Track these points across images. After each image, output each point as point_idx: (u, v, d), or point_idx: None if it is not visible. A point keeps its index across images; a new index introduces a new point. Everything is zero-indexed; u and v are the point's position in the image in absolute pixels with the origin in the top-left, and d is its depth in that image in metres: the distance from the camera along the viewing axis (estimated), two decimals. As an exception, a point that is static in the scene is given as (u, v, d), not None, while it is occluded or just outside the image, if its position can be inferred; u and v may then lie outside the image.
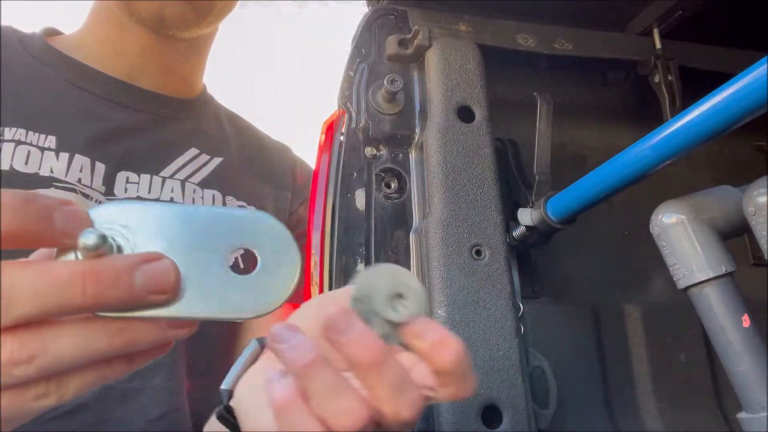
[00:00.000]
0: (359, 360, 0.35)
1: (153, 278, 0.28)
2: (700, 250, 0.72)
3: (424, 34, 0.87)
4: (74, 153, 0.77)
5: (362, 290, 0.37)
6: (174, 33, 0.86)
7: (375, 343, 0.35)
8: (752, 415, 0.68)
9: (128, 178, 0.81)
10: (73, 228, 0.28)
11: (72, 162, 0.77)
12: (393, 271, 0.37)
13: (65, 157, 0.77)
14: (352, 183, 0.81)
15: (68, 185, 0.76)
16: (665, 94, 0.96)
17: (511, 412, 0.70)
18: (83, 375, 0.30)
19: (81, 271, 0.27)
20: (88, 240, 0.28)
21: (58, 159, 0.76)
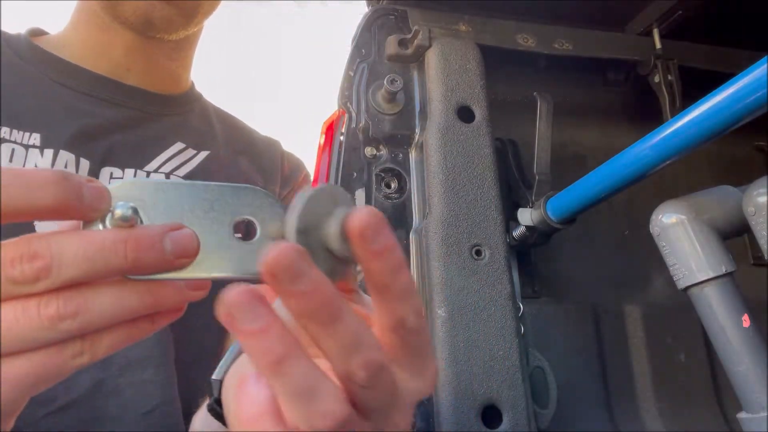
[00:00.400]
0: (315, 316, 0.30)
1: (179, 244, 0.31)
2: (700, 250, 0.72)
3: (424, 34, 0.87)
4: (59, 149, 0.77)
5: (307, 220, 0.32)
6: (161, 35, 0.86)
7: (333, 294, 0.30)
8: (752, 415, 0.68)
9: (112, 174, 0.81)
10: (99, 202, 0.31)
11: (56, 159, 0.77)
12: (333, 193, 0.33)
13: (50, 153, 0.77)
14: (352, 183, 0.81)
15: None
16: (665, 94, 0.96)
17: (511, 412, 0.70)
18: (114, 333, 0.33)
19: (123, 238, 0.30)
20: (125, 212, 0.31)
21: (43, 156, 0.76)
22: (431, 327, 0.73)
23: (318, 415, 0.30)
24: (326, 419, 0.30)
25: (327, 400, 0.30)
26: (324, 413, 0.30)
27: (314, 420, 0.30)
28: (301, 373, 0.30)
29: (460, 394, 0.69)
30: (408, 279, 0.33)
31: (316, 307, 0.29)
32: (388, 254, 0.31)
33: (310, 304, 0.29)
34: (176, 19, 0.84)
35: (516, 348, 0.73)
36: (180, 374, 0.77)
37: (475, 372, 0.70)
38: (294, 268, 0.29)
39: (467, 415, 0.68)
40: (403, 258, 0.32)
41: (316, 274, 0.29)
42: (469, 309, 0.73)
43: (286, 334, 0.30)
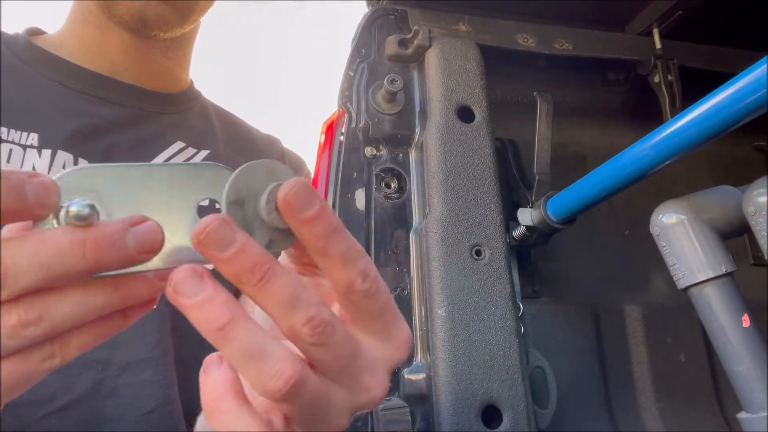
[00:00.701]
0: (244, 279, 0.31)
1: (143, 239, 0.30)
2: (700, 250, 0.72)
3: (424, 34, 0.87)
4: (57, 149, 0.77)
5: (240, 192, 0.32)
6: (156, 33, 0.86)
7: (262, 256, 0.31)
8: (752, 415, 0.68)
9: None
10: (46, 199, 0.30)
11: (54, 159, 0.77)
12: (270, 168, 0.33)
13: (47, 153, 0.77)
14: (352, 183, 0.81)
15: None
16: (665, 94, 0.96)
17: (511, 412, 0.70)
18: (83, 334, 0.32)
19: (80, 238, 0.29)
20: (80, 209, 0.29)
21: (41, 156, 0.76)
22: (431, 327, 0.73)
23: (268, 375, 0.31)
24: (277, 379, 0.30)
25: (276, 360, 0.31)
26: (274, 373, 0.30)
27: (266, 381, 0.31)
28: (246, 336, 0.31)
29: (460, 394, 0.69)
30: (347, 243, 0.33)
31: (246, 268, 0.30)
32: (318, 221, 0.32)
33: (240, 266, 0.30)
34: (171, 18, 0.84)
35: (516, 348, 0.73)
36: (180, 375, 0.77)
37: (475, 372, 0.70)
38: (219, 235, 0.30)
39: (467, 415, 0.68)
40: (338, 223, 0.33)
41: (242, 239, 0.31)
42: (469, 309, 0.73)
43: (230, 303, 0.31)
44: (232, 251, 0.30)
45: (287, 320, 0.31)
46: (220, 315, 0.30)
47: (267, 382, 0.31)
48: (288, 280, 0.32)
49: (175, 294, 0.31)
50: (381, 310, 0.36)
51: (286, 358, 0.31)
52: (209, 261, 0.31)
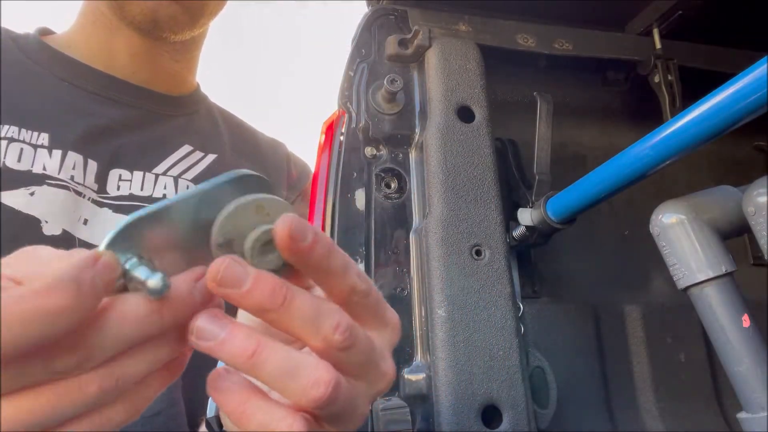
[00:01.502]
0: (267, 305, 0.32)
1: (205, 292, 0.33)
2: (700, 250, 0.72)
3: (424, 34, 0.87)
4: (67, 150, 0.77)
5: (227, 234, 0.34)
6: (167, 35, 0.86)
7: (277, 281, 0.33)
8: (752, 415, 0.68)
9: (121, 176, 0.81)
10: (111, 277, 0.31)
11: (65, 159, 0.77)
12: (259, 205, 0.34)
13: (58, 154, 0.77)
14: (352, 183, 0.81)
15: (61, 182, 0.76)
16: (665, 94, 0.96)
17: (511, 412, 0.70)
18: (151, 384, 0.34)
19: (158, 309, 0.31)
20: (156, 285, 0.31)
21: (51, 156, 0.76)
22: (431, 327, 0.73)
23: (308, 386, 0.32)
24: (318, 387, 0.32)
25: (311, 370, 0.32)
26: (314, 382, 0.32)
27: (308, 392, 0.32)
28: (277, 356, 0.32)
29: (460, 394, 0.69)
30: (341, 254, 0.35)
31: (266, 296, 0.32)
32: (317, 246, 0.33)
33: (261, 294, 0.32)
34: (182, 18, 0.84)
35: (516, 348, 0.73)
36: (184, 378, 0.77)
37: (475, 372, 0.70)
38: (232, 273, 0.32)
39: (467, 415, 0.68)
40: (331, 240, 0.35)
41: (253, 272, 0.32)
42: (469, 309, 0.73)
43: (251, 332, 0.33)
44: (250, 284, 0.32)
45: (318, 333, 0.33)
46: (247, 345, 0.32)
47: (309, 393, 0.32)
48: (307, 296, 0.33)
49: (198, 340, 0.33)
50: (376, 304, 0.38)
51: (320, 365, 0.33)
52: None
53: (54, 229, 0.73)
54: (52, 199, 0.74)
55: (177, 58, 0.93)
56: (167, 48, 0.90)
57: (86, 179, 0.78)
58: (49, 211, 0.73)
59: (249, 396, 0.33)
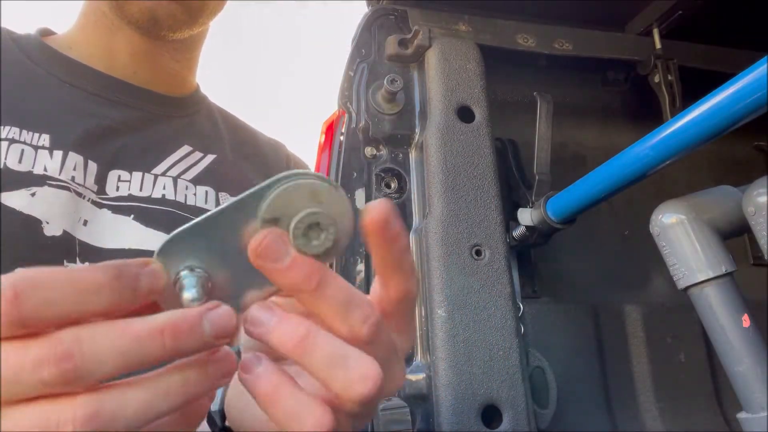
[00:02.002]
0: (302, 285, 0.32)
1: (218, 325, 0.32)
2: (700, 250, 0.72)
3: (424, 34, 0.87)
4: (68, 151, 0.77)
5: (275, 212, 0.33)
6: (166, 34, 0.86)
7: (314, 264, 0.33)
8: (752, 415, 0.68)
9: (120, 177, 0.81)
10: (157, 287, 0.31)
11: (66, 160, 0.77)
12: (315, 191, 0.33)
13: (59, 154, 0.77)
14: (352, 183, 0.81)
15: (62, 183, 0.76)
16: (665, 94, 0.96)
17: (511, 412, 0.70)
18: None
19: (160, 327, 0.30)
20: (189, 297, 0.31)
21: (52, 157, 0.76)
22: (431, 327, 0.73)
23: (355, 380, 0.32)
24: (365, 382, 0.32)
25: (361, 364, 0.32)
26: (361, 377, 0.32)
27: (354, 386, 0.32)
28: (328, 344, 0.32)
29: (460, 394, 0.69)
30: (412, 257, 0.36)
31: (304, 275, 0.32)
32: (402, 238, 0.34)
33: (297, 274, 0.32)
34: (181, 17, 0.84)
35: (516, 348, 0.73)
36: None
37: (475, 372, 0.70)
38: (274, 248, 0.32)
39: (467, 415, 0.68)
40: (408, 240, 0.36)
41: (295, 253, 0.32)
42: (469, 309, 0.73)
43: (303, 320, 0.33)
44: (288, 261, 0.32)
45: (346, 321, 0.33)
46: (297, 330, 0.32)
47: (355, 387, 0.32)
48: (342, 283, 0.33)
49: (252, 326, 0.33)
50: (411, 311, 0.39)
51: (368, 361, 0.33)
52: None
53: (55, 230, 0.73)
54: (53, 200, 0.74)
55: (177, 57, 0.93)
56: (167, 47, 0.90)
57: (86, 180, 0.78)
58: (49, 211, 0.73)
59: (282, 381, 0.33)
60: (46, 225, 0.73)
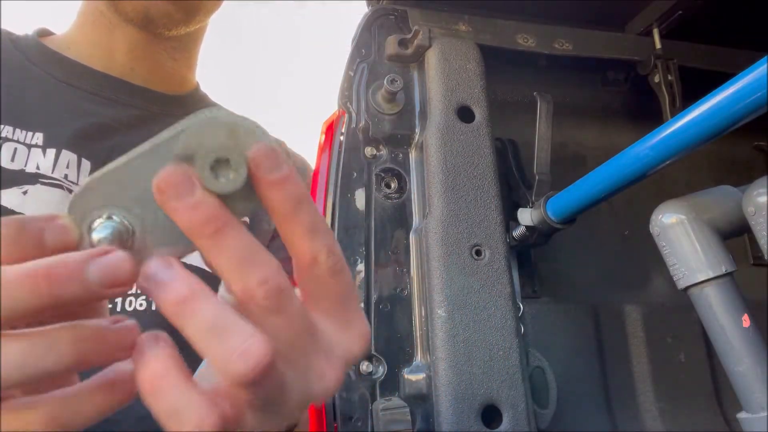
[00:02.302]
0: (198, 230, 0.29)
1: (107, 272, 0.29)
2: (700, 250, 0.72)
3: (424, 34, 0.87)
4: (61, 149, 0.77)
5: (188, 148, 0.30)
6: (161, 32, 0.86)
7: (218, 210, 0.29)
8: (752, 415, 0.68)
9: None
10: (64, 241, 0.29)
11: (59, 158, 0.77)
12: (233, 129, 0.30)
13: (52, 152, 0.77)
14: (352, 183, 0.81)
15: (54, 181, 0.76)
16: (665, 94, 0.96)
17: (511, 412, 0.70)
18: (84, 402, 0.31)
19: (33, 271, 0.27)
20: (98, 236, 0.29)
21: (45, 155, 0.76)
22: (431, 327, 0.73)
23: (235, 353, 0.28)
24: (247, 358, 0.28)
25: (245, 336, 0.28)
26: (243, 351, 0.28)
27: (233, 360, 0.28)
28: (209, 310, 0.28)
29: (460, 394, 0.69)
30: (315, 214, 0.32)
31: (201, 220, 0.29)
32: (288, 184, 0.31)
33: (195, 217, 0.29)
34: (176, 15, 0.84)
35: (516, 348, 0.73)
36: None
37: (475, 372, 0.70)
38: (177, 185, 0.29)
39: (467, 415, 0.68)
40: (306, 193, 0.32)
41: (200, 192, 0.30)
42: (469, 309, 0.73)
43: (193, 281, 0.29)
44: (189, 201, 0.29)
45: (241, 279, 0.29)
46: (181, 289, 0.29)
47: (235, 363, 0.28)
48: (245, 238, 0.30)
49: (143, 280, 0.30)
50: (343, 293, 0.34)
51: (254, 334, 0.28)
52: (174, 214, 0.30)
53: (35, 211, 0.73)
54: (45, 198, 0.74)
55: (175, 56, 0.93)
56: (165, 45, 0.90)
57: (80, 178, 0.78)
58: (41, 209, 0.73)
59: (169, 370, 0.29)
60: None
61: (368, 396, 0.71)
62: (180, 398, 0.28)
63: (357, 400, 0.70)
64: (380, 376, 0.72)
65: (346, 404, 0.69)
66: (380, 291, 0.76)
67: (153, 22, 0.83)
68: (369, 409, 0.70)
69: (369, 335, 0.36)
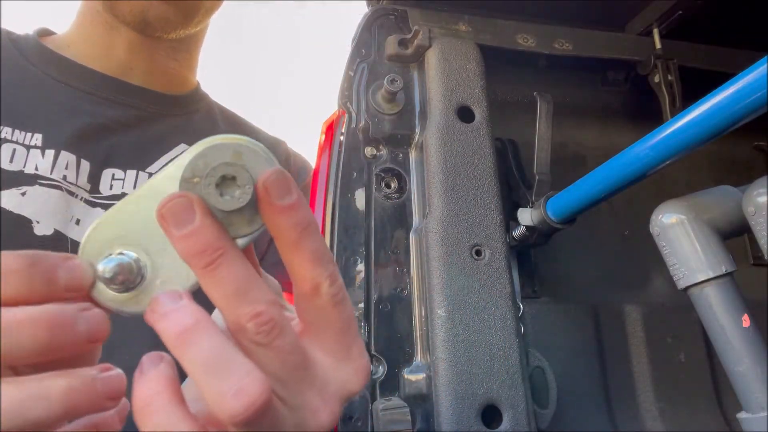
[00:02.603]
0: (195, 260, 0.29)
1: (92, 326, 0.29)
2: (700, 250, 0.72)
3: (424, 34, 0.87)
4: (60, 150, 0.77)
5: (195, 170, 0.30)
6: (159, 35, 0.86)
7: (218, 239, 0.29)
8: (752, 415, 0.68)
9: (114, 175, 0.81)
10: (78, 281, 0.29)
11: (58, 159, 0.77)
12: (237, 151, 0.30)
13: (51, 153, 0.77)
14: (352, 183, 0.81)
15: (53, 182, 0.76)
16: (665, 94, 0.96)
17: (511, 412, 0.70)
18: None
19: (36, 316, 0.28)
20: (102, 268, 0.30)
21: (44, 156, 0.76)
22: (431, 327, 0.73)
23: (231, 392, 0.27)
24: (241, 397, 0.27)
25: (242, 375, 0.28)
26: (238, 390, 0.27)
27: (227, 399, 0.27)
28: (209, 344, 0.28)
29: (460, 394, 0.69)
30: (320, 242, 0.31)
31: (198, 248, 0.29)
32: (295, 211, 0.30)
33: (192, 245, 0.29)
34: (173, 18, 0.84)
35: (516, 348, 0.73)
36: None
37: (475, 372, 0.70)
38: (177, 212, 0.29)
39: (467, 415, 0.68)
40: (314, 219, 0.31)
41: (201, 220, 0.29)
42: (469, 309, 0.73)
43: (198, 313, 0.29)
44: (187, 230, 0.29)
45: (233, 312, 0.29)
46: (182, 320, 0.29)
47: (227, 402, 0.27)
48: (239, 270, 0.30)
49: (149, 311, 0.30)
50: (343, 326, 0.33)
51: (251, 372, 0.28)
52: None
53: (46, 230, 0.73)
54: (43, 199, 0.74)
55: (175, 56, 0.93)
56: (164, 46, 0.90)
57: (79, 179, 0.78)
58: (40, 210, 0.73)
59: (162, 391, 0.29)
60: (36, 224, 0.73)
61: (368, 396, 0.71)
62: (167, 420, 0.28)
63: (357, 400, 0.70)
64: (380, 376, 0.72)
65: (346, 404, 0.69)
66: (380, 291, 0.76)
67: (150, 25, 0.83)
68: (369, 409, 0.70)
69: (368, 369, 0.35)
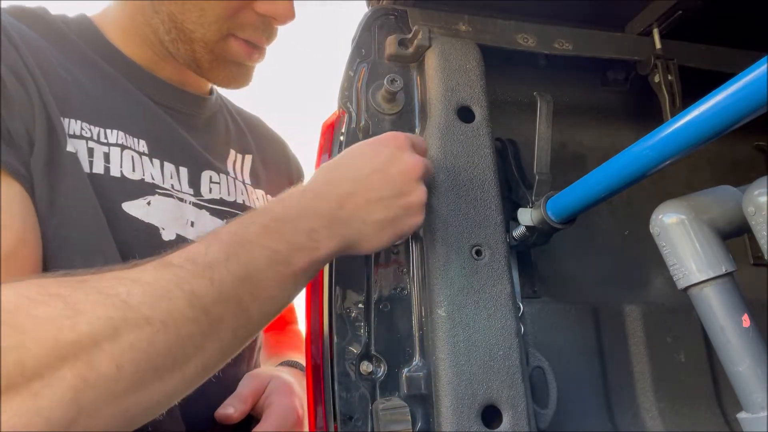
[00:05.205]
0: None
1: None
2: (700, 250, 0.72)
3: (424, 34, 0.87)
4: (163, 158, 0.81)
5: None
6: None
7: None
8: (752, 415, 0.68)
9: (211, 178, 0.86)
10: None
11: (164, 168, 0.81)
12: None
13: (157, 162, 0.80)
14: (352, 183, 0.81)
15: (166, 191, 0.80)
16: (665, 94, 0.96)
17: (511, 412, 0.70)
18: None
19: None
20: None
21: (153, 164, 0.80)
22: (431, 327, 0.73)
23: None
24: None
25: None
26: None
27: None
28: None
29: (460, 394, 0.69)
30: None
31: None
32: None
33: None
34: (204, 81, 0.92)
35: (516, 348, 0.73)
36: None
37: (475, 372, 0.70)
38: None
39: (467, 415, 0.68)
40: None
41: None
42: (469, 309, 0.73)
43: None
44: None
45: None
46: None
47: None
48: None
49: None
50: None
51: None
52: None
53: (170, 235, 0.77)
54: (164, 207, 0.78)
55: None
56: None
57: (183, 185, 0.82)
58: (164, 218, 0.77)
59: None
60: (162, 231, 0.76)
61: (368, 396, 0.71)
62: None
63: (357, 400, 0.70)
64: (380, 376, 0.72)
65: (346, 404, 0.69)
66: (380, 291, 0.76)
67: (201, 67, 0.87)
68: (369, 409, 0.70)
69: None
